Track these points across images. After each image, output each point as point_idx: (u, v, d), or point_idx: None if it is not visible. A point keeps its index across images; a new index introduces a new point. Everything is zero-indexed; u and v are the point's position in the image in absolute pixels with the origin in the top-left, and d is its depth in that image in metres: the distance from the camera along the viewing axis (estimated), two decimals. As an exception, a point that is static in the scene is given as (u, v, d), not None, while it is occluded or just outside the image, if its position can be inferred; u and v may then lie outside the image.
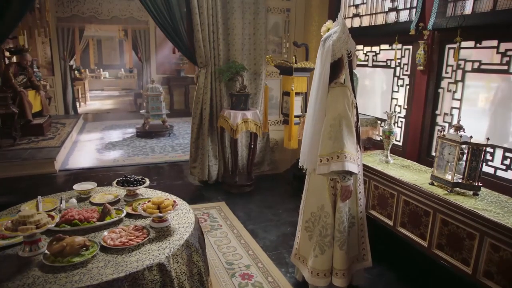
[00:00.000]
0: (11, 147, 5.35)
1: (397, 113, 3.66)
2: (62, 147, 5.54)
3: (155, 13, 4.13)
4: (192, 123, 4.61)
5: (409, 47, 3.50)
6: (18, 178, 4.62)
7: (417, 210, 2.49)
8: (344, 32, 2.20)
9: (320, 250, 2.34)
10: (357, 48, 4.21)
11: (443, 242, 2.30)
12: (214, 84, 4.52)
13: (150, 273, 1.46)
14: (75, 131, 7.13)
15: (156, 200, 1.77)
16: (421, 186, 2.46)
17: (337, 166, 2.09)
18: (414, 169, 2.83)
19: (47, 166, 4.89)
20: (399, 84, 3.65)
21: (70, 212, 1.77)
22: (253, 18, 4.55)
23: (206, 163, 4.61)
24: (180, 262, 1.60)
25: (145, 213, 1.72)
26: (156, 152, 6.22)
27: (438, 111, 3.24)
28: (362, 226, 2.48)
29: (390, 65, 3.75)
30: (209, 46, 4.34)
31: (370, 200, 2.96)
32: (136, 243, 1.59)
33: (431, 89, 3.25)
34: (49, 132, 6.36)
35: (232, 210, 3.96)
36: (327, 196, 2.31)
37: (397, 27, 3.54)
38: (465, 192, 2.33)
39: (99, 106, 11.34)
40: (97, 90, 15.12)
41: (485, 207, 2.11)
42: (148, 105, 7.19)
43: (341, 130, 2.12)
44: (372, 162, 2.98)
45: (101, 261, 1.48)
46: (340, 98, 2.18)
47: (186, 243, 1.67)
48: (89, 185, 2.15)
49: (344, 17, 4.41)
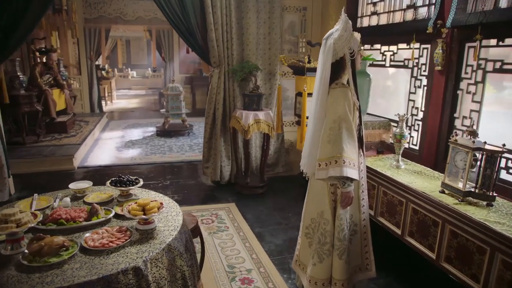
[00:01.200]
0: (35, 143, 5.55)
1: (412, 116, 3.48)
2: (82, 144, 5.69)
3: (168, 12, 4.14)
4: (205, 123, 4.60)
5: (427, 46, 3.31)
6: (38, 174, 4.78)
7: (426, 219, 2.33)
8: (347, 30, 2.08)
9: (318, 258, 2.24)
10: (374, 47, 4.06)
11: (452, 255, 2.14)
12: (228, 84, 4.48)
13: (125, 276, 1.42)
14: (98, 129, 7.32)
15: (141, 201, 1.74)
16: (430, 194, 2.30)
17: (335, 171, 1.98)
18: (426, 176, 2.67)
19: (66, 163, 5.04)
20: (416, 85, 3.46)
21: (58, 211, 1.77)
22: (268, 17, 4.48)
23: (218, 163, 4.58)
24: (160, 267, 1.56)
25: (129, 214, 1.70)
26: (173, 151, 6.27)
27: (456, 114, 3.04)
28: (366, 235, 2.35)
29: (407, 65, 3.57)
30: (222, 46, 4.31)
31: (378, 207, 2.82)
32: (116, 245, 1.56)
33: (449, 90, 3.06)
34: (72, 129, 6.56)
35: (241, 212, 3.90)
36: (326, 202, 2.21)
37: (414, 25, 3.36)
38: (478, 202, 2.16)
39: (124, 105, 11.62)
40: (124, 89, 15.55)
41: (497, 220, 1.94)
42: (168, 104, 7.27)
43: (341, 134, 2.01)
44: (382, 167, 2.84)
45: (78, 262, 1.46)
46: (340, 99, 2.07)
47: (168, 247, 1.63)
48: (84, 184, 2.16)
49: (362, 15, 4.26)
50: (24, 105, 5.31)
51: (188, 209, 3.92)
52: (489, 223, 1.90)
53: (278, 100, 4.28)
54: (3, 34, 3.72)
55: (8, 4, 3.64)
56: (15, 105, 5.17)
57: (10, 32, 3.73)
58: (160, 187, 4.60)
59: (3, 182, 3.93)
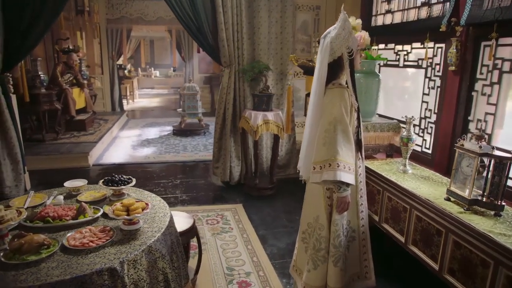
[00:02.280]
0: (54, 141, 5.72)
1: (425, 118, 3.33)
2: (99, 142, 5.81)
3: (179, 12, 4.15)
4: (216, 123, 4.59)
5: (441, 45, 3.16)
6: (55, 171, 4.92)
7: (429, 228, 2.21)
8: (345, 28, 2.00)
9: (313, 264, 2.16)
10: (388, 46, 3.91)
11: (455, 267, 2.01)
12: (238, 84, 4.45)
13: (99, 277, 1.41)
14: (116, 128, 7.47)
15: (126, 202, 1.73)
16: (434, 201, 2.18)
17: (329, 175, 1.90)
18: (434, 181, 2.53)
19: (82, 160, 5.16)
20: (430, 86, 3.31)
21: (46, 209, 1.78)
22: (280, 16, 4.41)
23: (228, 163, 4.56)
24: (139, 268, 1.54)
25: (112, 214, 1.69)
26: (188, 150, 6.30)
27: (470, 117, 2.88)
28: (364, 241, 2.25)
29: (421, 65, 3.41)
30: (233, 46, 4.28)
31: (383, 213, 2.71)
32: (96, 245, 1.55)
33: (463, 92, 2.90)
34: (91, 128, 6.72)
35: (248, 213, 3.86)
36: (322, 206, 2.13)
37: (428, 23, 3.21)
38: (485, 211, 2.02)
39: (145, 104, 11.83)
40: (147, 88, 15.86)
41: (503, 231, 1.80)
42: (185, 103, 7.33)
43: (336, 136, 1.93)
44: (387, 171, 2.72)
45: (56, 261, 1.46)
46: (336, 100, 1.98)
47: (149, 249, 1.60)
48: (79, 183, 2.18)
49: (376, 14, 4.13)
50: (44, 103, 5.49)
51: (194, 209, 3.92)
52: (493, 235, 1.76)
53: (288, 101, 4.21)
54: (21, 35, 3.84)
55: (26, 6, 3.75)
56: (35, 103, 5.36)
57: (27, 33, 3.85)
58: (170, 186, 4.63)
59: (18, 177, 4.06)
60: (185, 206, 4.04)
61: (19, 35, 3.82)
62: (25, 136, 5.60)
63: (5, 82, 3.88)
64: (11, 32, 3.77)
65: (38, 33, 3.93)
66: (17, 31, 3.79)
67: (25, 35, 3.84)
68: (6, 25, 3.71)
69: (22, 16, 3.77)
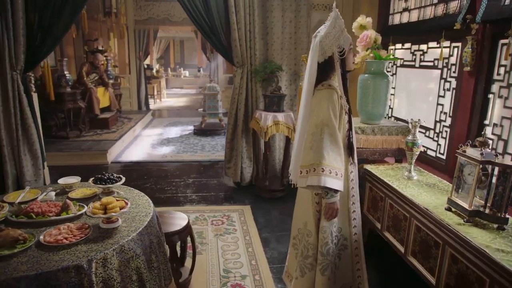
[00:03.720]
0: (77, 138, 5.95)
1: (440, 122, 3.14)
2: (119, 140, 5.98)
3: (191, 11, 4.17)
4: (228, 123, 4.57)
5: (458, 45, 2.97)
6: (75, 167, 5.10)
7: (428, 239, 2.07)
8: (335, 27, 1.91)
9: (300, 272, 2.09)
10: (404, 46, 3.73)
11: (452, 283, 1.87)
12: (250, 85, 4.41)
13: (65, 274, 1.42)
14: (140, 126, 7.66)
15: (105, 200, 1.74)
16: (432, 211, 2.04)
17: (313, 180, 1.83)
18: (439, 189, 2.37)
19: (101, 158, 5.32)
20: (445, 88, 3.12)
21: (32, 205, 1.83)
22: (294, 16, 4.34)
23: (239, 164, 4.53)
24: (109, 267, 1.54)
25: (89, 212, 1.70)
26: (205, 150, 6.35)
27: (486, 121, 2.68)
28: (357, 251, 2.15)
29: (437, 65, 3.23)
30: (245, 46, 4.25)
31: (385, 221, 2.57)
32: (69, 242, 1.57)
33: (479, 94, 2.71)
34: (114, 126, 6.93)
35: (254, 216, 3.82)
36: (311, 212, 2.05)
37: (444, 20, 3.03)
38: (488, 224, 1.86)
39: (172, 103, 12.07)
40: (177, 88, 16.19)
41: (502, 247, 1.65)
42: (206, 103, 7.39)
43: (322, 140, 1.85)
44: (391, 177, 2.58)
45: (27, 256, 1.49)
46: (324, 102, 1.90)
47: (121, 248, 1.60)
48: (73, 180, 2.23)
49: (393, 12, 3.95)
50: (68, 102, 5.72)
51: (201, 209, 3.93)
52: (490, 250, 1.62)
53: (299, 102, 4.11)
54: (42, 35, 4.01)
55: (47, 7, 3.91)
56: (60, 101, 5.59)
57: (47, 34, 4.01)
58: (182, 185, 4.67)
59: (38, 173, 4.24)
60: (193, 205, 4.06)
61: (40, 36, 3.99)
62: (51, 133, 5.89)
63: (27, 81, 4.06)
64: (33, 33, 3.94)
65: (57, 34, 4.07)
66: (38, 32, 3.96)
67: (46, 35, 4.00)
68: (28, 26, 3.89)
69: (43, 17, 3.92)
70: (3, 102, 3.88)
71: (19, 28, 3.80)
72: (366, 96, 2.98)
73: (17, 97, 3.93)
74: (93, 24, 7.63)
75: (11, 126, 3.94)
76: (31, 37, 3.93)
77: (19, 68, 3.90)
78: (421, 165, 3.22)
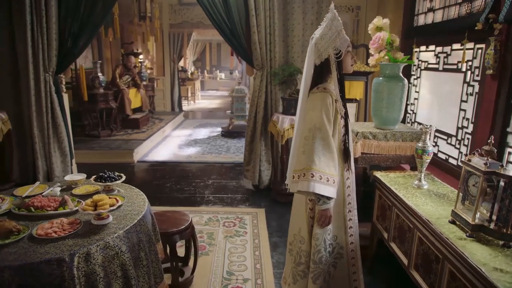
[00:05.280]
0: (108, 137, 6.23)
1: (462, 128, 2.96)
2: (146, 140, 6.18)
3: (212, 14, 4.23)
4: (247, 126, 4.59)
5: (482, 46, 2.78)
6: (102, 165, 5.31)
7: (429, 252, 1.95)
8: (331, 28, 1.86)
9: (292, 279, 2.04)
10: (429, 48, 3.55)
11: (450, 301, 1.74)
12: (270, 87, 4.40)
13: (48, 267, 1.49)
14: (170, 127, 7.88)
15: (96, 197, 1.81)
16: (434, 223, 1.91)
17: (303, 185, 1.78)
18: (449, 200, 2.22)
19: (127, 157, 5.53)
20: (468, 92, 2.93)
21: (33, 199, 1.94)
22: (316, 18, 4.27)
23: (257, 167, 4.53)
24: (92, 262, 1.59)
25: (80, 209, 1.77)
26: (230, 151, 6.40)
27: (510, 129, 2.48)
28: (354, 260, 2.07)
29: (460, 68, 3.04)
30: (265, 48, 4.25)
31: (391, 231, 2.45)
32: (57, 235, 1.65)
33: (502, 99, 2.52)
34: (144, 126, 7.18)
35: (267, 219, 3.79)
36: (304, 218, 2.00)
37: (467, 20, 2.85)
38: (493, 240, 1.72)
39: (205, 105, 12.30)
40: (213, 89, 16.51)
41: (502, 266, 1.51)
42: (233, 105, 7.46)
43: (313, 144, 1.80)
44: (399, 185, 2.46)
45: (17, 247, 1.57)
46: (317, 105, 1.85)
47: (106, 244, 1.65)
48: (78, 177, 2.33)
49: (417, 13, 3.77)
50: (100, 102, 6.01)
51: (216, 210, 3.97)
52: (486, 269, 1.49)
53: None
54: (73, 39, 4.25)
55: (77, 11, 4.14)
56: (93, 102, 5.89)
57: (78, 37, 4.24)
58: (201, 186, 4.74)
59: (66, 169, 4.49)
60: (209, 206, 4.10)
61: (71, 39, 4.23)
62: (84, 131, 6.21)
63: (58, 83, 4.32)
64: (64, 37, 4.19)
65: (87, 37, 4.30)
66: (69, 36, 4.20)
67: (76, 38, 4.23)
68: (59, 31, 4.14)
69: (74, 21, 4.16)
70: (36, 102, 4.15)
71: (52, 33, 4.05)
72: (380, 100, 2.86)
73: (49, 97, 4.19)
74: (130, 27, 7.97)
75: (43, 125, 4.21)
76: (62, 41, 4.17)
77: (51, 70, 4.16)
78: (441, 173, 3.05)
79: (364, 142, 2.79)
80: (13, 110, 4.15)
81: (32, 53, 4.02)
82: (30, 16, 3.94)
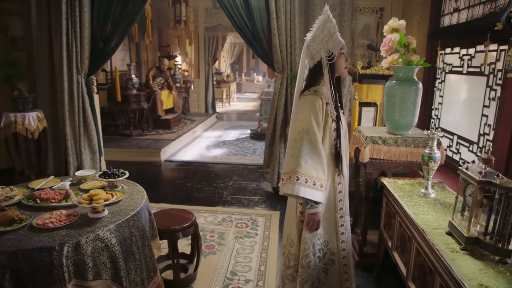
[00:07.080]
0: (139, 136, 6.51)
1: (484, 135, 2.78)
2: (176, 140, 6.38)
3: (235, 18, 4.31)
4: (267, 128, 4.60)
5: (505, 48, 2.59)
6: (131, 163, 5.58)
7: (424, 264, 1.86)
8: (323, 30, 1.83)
9: (281, 282, 2.04)
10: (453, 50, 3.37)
11: (440, 317, 1.65)
12: (290, 90, 4.39)
13: (40, 254, 1.60)
14: (201, 128, 8.07)
15: (93, 192, 1.91)
16: (429, 233, 1.82)
17: (287, 188, 1.78)
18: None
19: (155, 156, 5.74)
20: (490, 97, 2.75)
21: (41, 192, 2.09)
22: (338, 20, 4.20)
23: (276, 169, 4.53)
24: (81, 253, 1.69)
25: (77, 202, 1.89)
26: (255, 154, 6.44)
27: (530, 137, 2.30)
28: (346, 267, 2.02)
29: (484, 71, 2.86)
30: (285, 51, 4.25)
31: (395, 239, 2.36)
32: (53, 226, 1.77)
33: (522, 105, 2.34)
34: (176, 127, 7.42)
35: (281, 222, 3.77)
36: (294, 221, 1.99)
37: (490, 20, 2.67)
38: (488, 255, 1.61)
39: (240, 107, 12.45)
40: (250, 92, 16.70)
41: (489, 283, 1.41)
42: (262, 108, 7.50)
43: (301, 147, 1.79)
44: (404, 193, 2.36)
45: (16, 235, 1.71)
46: (306, 108, 1.83)
47: (96, 236, 1.74)
48: (88, 172, 2.47)
49: (443, 14, 3.60)
50: (132, 103, 6.30)
51: (230, 211, 4.01)
52: (469, 285, 1.40)
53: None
54: (104, 43, 4.51)
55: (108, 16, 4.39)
56: (125, 102, 6.19)
57: (108, 40, 4.50)
58: (221, 186, 4.81)
59: (95, 166, 4.75)
60: (225, 207, 4.16)
61: (102, 42, 4.49)
62: (117, 131, 6.54)
63: (90, 84, 4.60)
64: (96, 40, 4.45)
65: (117, 40, 4.55)
66: (100, 39, 4.46)
67: (107, 42, 4.49)
68: (91, 35, 4.41)
69: (105, 25, 4.41)
70: (69, 102, 4.44)
71: (85, 37, 4.32)
72: (392, 104, 2.76)
73: (80, 98, 4.47)
74: (166, 31, 8.28)
75: (74, 123, 4.49)
76: (94, 45, 4.44)
77: (83, 73, 4.44)
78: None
79: (373, 147, 2.71)
80: (49, 110, 4.48)
81: (66, 56, 4.31)
82: (65, 22, 4.23)
